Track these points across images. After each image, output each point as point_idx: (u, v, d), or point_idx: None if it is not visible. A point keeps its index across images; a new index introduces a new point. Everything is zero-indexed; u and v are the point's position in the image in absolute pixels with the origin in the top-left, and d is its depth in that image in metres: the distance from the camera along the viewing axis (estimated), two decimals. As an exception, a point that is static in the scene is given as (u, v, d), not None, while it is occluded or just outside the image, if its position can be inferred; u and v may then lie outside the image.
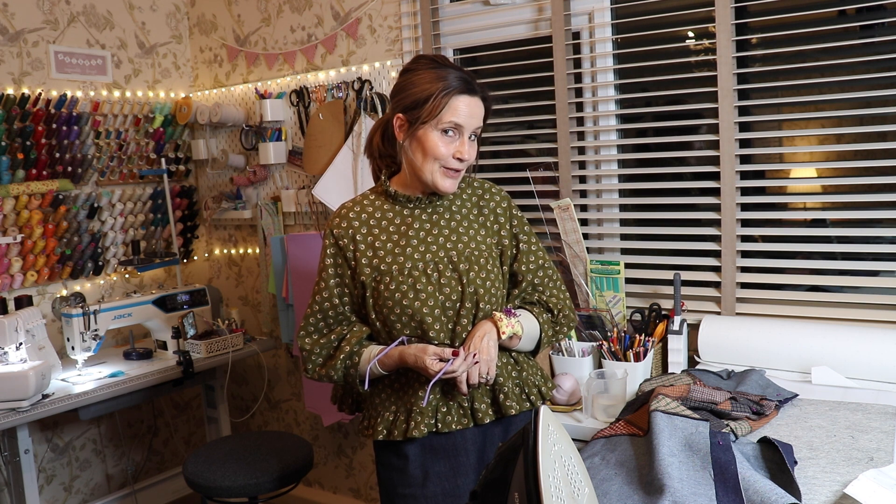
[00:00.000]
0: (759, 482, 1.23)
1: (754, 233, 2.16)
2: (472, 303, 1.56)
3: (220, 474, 2.27)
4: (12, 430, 2.41)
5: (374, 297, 1.57)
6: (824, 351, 1.85)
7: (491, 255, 1.62)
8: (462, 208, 1.65)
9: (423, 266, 1.56)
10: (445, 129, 1.53)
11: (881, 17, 1.92)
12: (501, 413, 1.59)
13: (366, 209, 1.62)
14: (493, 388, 1.59)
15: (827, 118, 2.07)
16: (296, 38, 3.01)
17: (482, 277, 1.58)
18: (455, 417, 1.56)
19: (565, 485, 1.05)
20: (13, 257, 2.76)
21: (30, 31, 2.87)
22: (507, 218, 1.68)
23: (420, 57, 1.61)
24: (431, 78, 1.52)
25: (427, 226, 1.60)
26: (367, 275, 1.57)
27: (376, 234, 1.59)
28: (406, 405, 1.58)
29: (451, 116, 1.52)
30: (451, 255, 1.58)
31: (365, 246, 1.58)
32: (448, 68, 1.55)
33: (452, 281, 1.56)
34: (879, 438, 1.45)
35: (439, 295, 1.54)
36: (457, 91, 1.52)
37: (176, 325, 2.85)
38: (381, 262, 1.56)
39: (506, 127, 2.62)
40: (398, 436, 1.56)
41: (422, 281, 1.54)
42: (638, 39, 2.27)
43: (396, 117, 1.57)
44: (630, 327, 2.14)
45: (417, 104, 1.52)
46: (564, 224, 2.28)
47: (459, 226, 1.62)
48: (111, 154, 3.10)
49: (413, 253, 1.56)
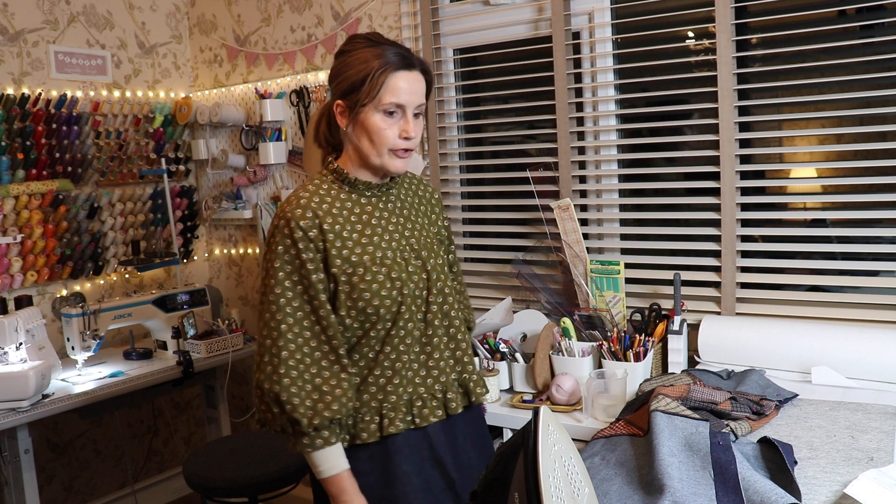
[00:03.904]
0: (759, 482, 1.23)
1: (754, 233, 2.16)
2: (438, 289, 1.55)
3: (220, 474, 2.27)
4: (12, 430, 2.41)
5: (346, 291, 1.47)
6: (824, 351, 1.85)
7: (439, 244, 1.63)
8: (408, 198, 1.63)
9: (392, 254, 1.52)
10: (388, 111, 1.47)
11: (881, 17, 1.92)
12: (469, 401, 1.59)
13: (324, 199, 1.51)
14: (461, 378, 1.59)
15: (827, 118, 2.07)
16: (296, 38, 3.02)
17: (440, 264, 1.58)
18: (430, 409, 1.53)
19: (565, 485, 1.05)
20: (13, 257, 2.76)
21: (30, 31, 2.87)
22: (441, 209, 1.70)
23: (353, 37, 1.52)
24: (366, 57, 1.46)
25: (385, 214, 1.56)
26: (338, 266, 1.46)
27: (342, 224, 1.49)
28: (371, 402, 1.50)
29: (390, 97, 1.45)
30: (412, 242, 1.56)
31: (333, 236, 1.47)
32: (383, 45, 1.48)
33: (418, 269, 1.54)
34: (879, 438, 1.45)
35: (410, 283, 1.51)
36: (393, 67, 1.44)
37: (176, 325, 2.85)
38: (352, 252, 1.48)
39: (506, 127, 2.62)
40: (368, 438, 1.47)
41: (395, 269, 1.50)
42: (638, 39, 2.27)
43: (336, 104, 1.50)
44: (630, 327, 2.14)
45: (355, 87, 1.46)
46: (564, 224, 2.28)
47: (411, 214, 1.61)
48: (111, 154, 3.10)
49: (380, 242, 1.52)
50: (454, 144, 2.70)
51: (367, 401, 1.50)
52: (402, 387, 1.51)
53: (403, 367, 1.51)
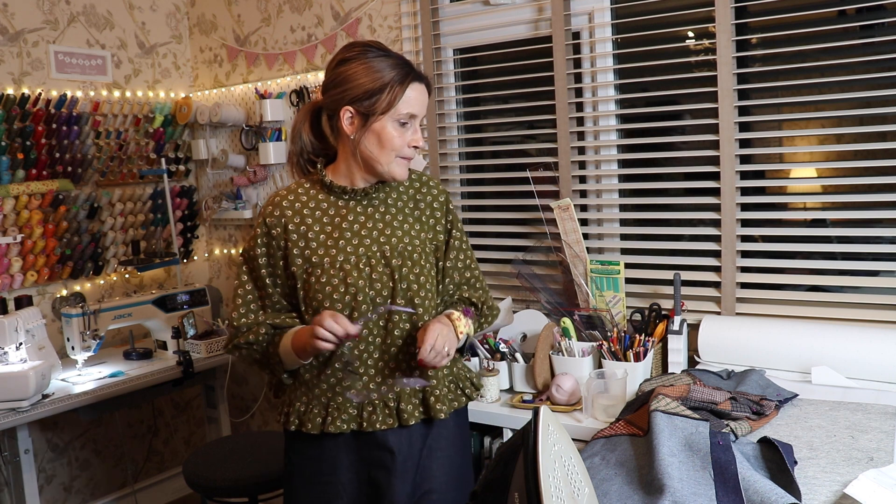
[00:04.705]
0: (759, 482, 1.23)
1: (754, 233, 2.16)
2: (407, 298, 1.54)
3: (220, 474, 2.27)
4: (12, 430, 2.41)
5: (304, 290, 1.53)
6: (824, 351, 1.85)
7: (424, 251, 1.59)
8: (398, 201, 1.61)
9: (356, 260, 1.52)
10: (402, 121, 1.51)
11: (881, 17, 1.92)
12: (429, 415, 1.56)
13: (300, 198, 1.57)
14: (424, 391, 1.56)
15: (827, 118, 2.07)
16: (296, 38, 3.02)
17: (415, 273, 1.55)
18: (380, 417, 1.53)
19: (565, 485, 1.05)
20: (13, 257, 2.76)
21: (30, 31, 2.87)
22: (444, 213, 1.66)
23: (355, 45, 1.54)
24: (381, 67, 1.49)
25: (361, 219, 1.56)
26: (298, 265, 1.53)
27: (309, 225, 1.54)
28: (321, 398, 1.54)
29: (406, 108, 1.50)
30: (385, 249, 1.54)
31: (297, 236, 1.53)
32: (392, 56, 1.52)
33: (384, 276, 1.53)
34: (879, 438, 1.45)
35: (369, 290, 1.51)
36: (410, 79, 1.51)
37: (176, 325, 2.85)
38: (314, 253, 1.52)
39: (506, 127, 2.62)
40: (312, 429, 1.53)
41: (353, 275, 1.50)
42: (638, 39, 2.27)
43: (345, 110, 1.51)
44: (630, 327, 2.14)
45: (370, 95, 1.48)
46: (564, 224, 2.28)
47: (394, 219, 1.59)
48: (111, 154, 3.10)
49: (346, 246, 1.53)
50: (454, 144, 2.70)
51: (317, 395, 1.56)
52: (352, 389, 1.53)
53: (355, 370, 1.53)
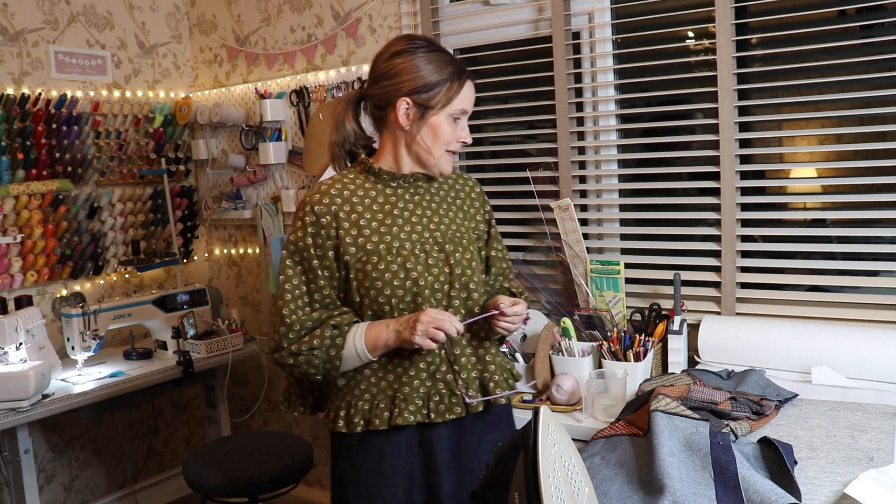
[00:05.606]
0: (759, 482, 1.23)
1: (754, 233, 2.16)
2: (462, 284, 1.54)
3: (220, 474, 2.27)
4: (12, 430, 2.41)
5: (358, 279, 1.50)
6: (824, 351, 1.85)
7: (470, 239, 1.60)
8: (440, 191, 1.62)
9: (411, 246, 1.52)
10: (455, 116, 1.54)
11: (881, 17, 1.92)
12: (490, 402, 1.56)
13: (347, 187, 1.55)
14: (482, 377, 1.56)
15: (827, 118, 2.07)
16: (296, 38, 3.01)
17: (467, 259, 1.56)
18: (448, 405, 1.51)
19: (565, 485, 1.05)
20: (13, 257, 2.76)
21: (30, 31, 2.87)
22: (482, 203, 1.69)
23: (410, 37, 1.55)
24: (440, 61, 1.51)
25: (411, 206, 1.56)
26: (351, 254, 1.50)
27: (360, 212, 1.52)
28: (387, 391, 1.51)
29: (461, 104, 1.53)
30: (436, 235, 1.55)
31: (349, 224, 1.50)
32: (445, 52, 1.56)
33: (440, 262, 1.53)
34: (879, 438, 1.45)
35: (428, 276, 1.51)
36: (466, 75, 1.54)
37: (176, 325, 2.85)
38: (367, 240, 1.50)
39: (506, 127, 2.62)
40: (380, 425, 1.48)
41: (411, 260, 1.50)
42: (638, 39, 2.27)
43: (401, 101, 1.51)
44: (630, 327, 2.14)
45: (429, 88, 1.50)
46: (564, 224, 2.28)
47: (440, 208, 1.59)
48: (111, 154, 3.10)
49: (399, 232, 1.52)
50: (454, 144, 2.70)
51: (383, 388, 1.52)
52: (417, 379, 1.51)
53: (422, 359, 1.51)
